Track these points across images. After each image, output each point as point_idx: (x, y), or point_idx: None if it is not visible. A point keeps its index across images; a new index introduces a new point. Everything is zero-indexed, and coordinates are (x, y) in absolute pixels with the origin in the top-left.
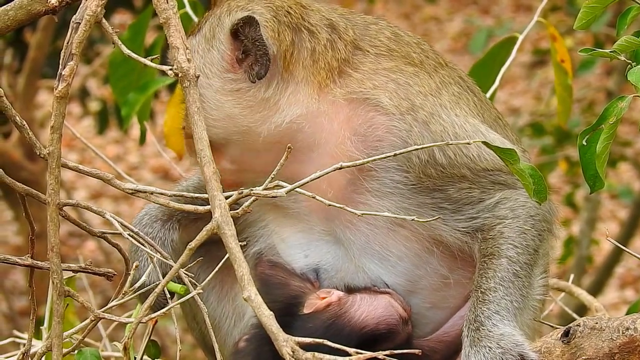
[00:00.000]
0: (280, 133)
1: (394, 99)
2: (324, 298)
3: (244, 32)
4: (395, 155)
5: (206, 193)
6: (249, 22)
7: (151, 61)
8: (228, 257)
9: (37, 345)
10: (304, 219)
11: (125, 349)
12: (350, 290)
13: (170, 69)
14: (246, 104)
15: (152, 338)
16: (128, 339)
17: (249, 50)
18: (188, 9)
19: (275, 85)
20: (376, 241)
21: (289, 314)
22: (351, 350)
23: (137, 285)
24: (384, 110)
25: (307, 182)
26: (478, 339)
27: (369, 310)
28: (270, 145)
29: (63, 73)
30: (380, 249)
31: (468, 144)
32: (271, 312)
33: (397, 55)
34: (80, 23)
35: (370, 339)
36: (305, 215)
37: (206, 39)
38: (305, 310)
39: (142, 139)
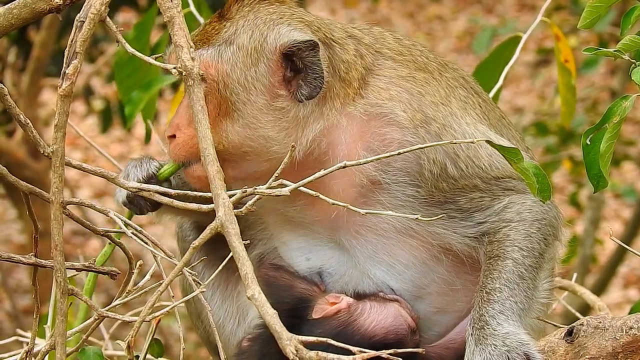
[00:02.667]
0: (301, 152)
1: (408, 111)
2: (333, 304)
3: (297, 53)
4: (399, 154)
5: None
6: (309, 46)
7: (155, 60)
8: (232, 257)
9: (41, 344)
10: (306, 226)
11: (128, 347)
12: (358, 296)
13: (174, 68)
14: (284, 125)
15: (155, 337)
16: (132, 337)
17: (299, 70)
18: (192, 8)
19: (314, 103)
20: (384, 250)
21: (296, 315)
22: (355, 349)
23: None
24: (397, 124)
25: (311, 181)
26: (483, 337)
27: (378, 319)
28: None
29: (67, 71)
30: (387, 257)
31: (472, 142)
32: (275, 311)
33: (408, 60)
34: (84, 21)
35: (378, 348)
36: (308, 224)
37: (247, 52)
38: (314, 315)
39: (147, 138)
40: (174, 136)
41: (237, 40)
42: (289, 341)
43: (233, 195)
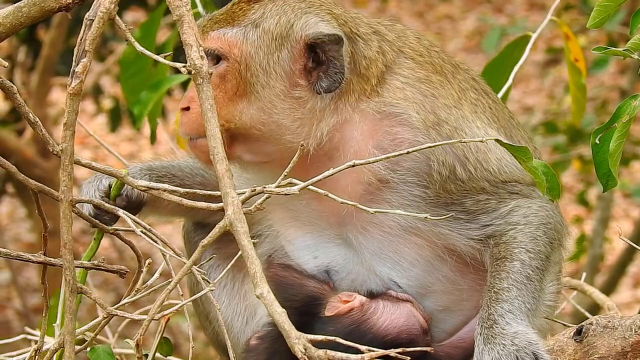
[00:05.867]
0: (313, 145)
1: (421, 112)
2: (346, 302)
3: (321, 46)
4: (408, 152)
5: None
6: (334, 40)
7: (164, 59)
8: (238, 255)
9: (50, 342)
10: (313, 222)
11: (137, 346)
12: (371, 295)
13: (184, 67)
14: (299, 115)
15: (164, 335)
16: (140, 336)
17: (321, 62)
18: (200, 8)
19: (331, 97)
20: (389, 247)
21: (307, 313)
22: (363, 347)
23: None
24: (409, 125)
25: (320, 180)
26: (492, 336)
27: (391, 318)
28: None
29: (76, 70)
30: (392, 254)
31: (481, 141)
32: (283, 309)
33: (427, 62)
34: (93, 20)
35: (390, 348)
36: (315, 219)
37: (273, 37)
38: (327, 313)
39: (153, 138)
40: (187, 109)
41: (263, 23)
42: (298, 340)
43: (242, 193)
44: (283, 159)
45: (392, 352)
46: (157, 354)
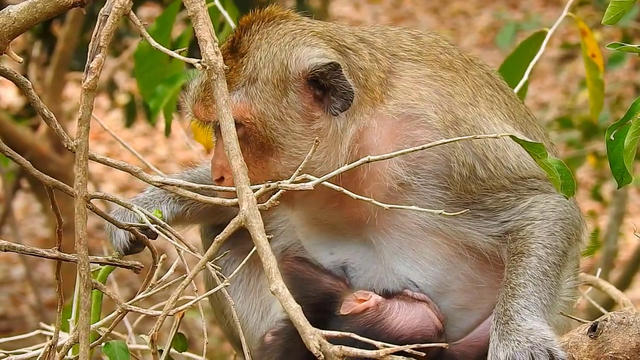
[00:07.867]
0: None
1: (439, 112)
2: (362, 301)
3: (321, 76)
4: (423, 148)
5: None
6: (331, 68)
7: (179, 54)
8: (254, 251)
9: (64, 338)
10: (331, 223)
11: (152, 341)
12: (387, 294)
13: (198, 62)
14: (323, 144)
15: (179, 331)
16: (155, 331)
17: (327, 87)
18: (217, 2)
19: (347, 114)
20: (409, 247)
21: (322, 310)
22: (378, 343)
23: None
24: (429, 126)
25: (333, 176)
26: (507, 332)
27: (406, 319)
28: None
29: (91, 65)
30: (412, 253)
31: (496, 137)
32: (298, 305)
33: (429, 59)
34: (108, 15)
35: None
36: (334, 223)
37: (274, 85)
38: (342, 312)
39: (167, 132)
40: (221, 178)
41: (260, 75)
42: (313, 335)
43: (257, 189)
44: (322, 187)
45: (407, 347)
46: (172, 350)
